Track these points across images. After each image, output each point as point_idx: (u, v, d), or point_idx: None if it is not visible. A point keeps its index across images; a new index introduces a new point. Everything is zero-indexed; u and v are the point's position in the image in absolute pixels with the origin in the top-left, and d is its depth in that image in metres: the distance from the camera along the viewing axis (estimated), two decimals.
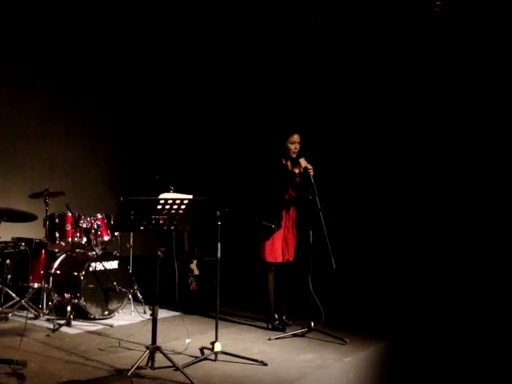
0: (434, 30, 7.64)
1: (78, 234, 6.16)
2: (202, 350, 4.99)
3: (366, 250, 7.83)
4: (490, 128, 7.35)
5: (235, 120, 8.90)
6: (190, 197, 4.56)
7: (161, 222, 4.50)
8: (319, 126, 8.18)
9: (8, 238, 6.25)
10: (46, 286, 6.02)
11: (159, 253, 4.66)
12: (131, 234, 6.55)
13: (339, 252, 5.45)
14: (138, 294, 6.47)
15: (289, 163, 5.92)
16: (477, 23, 7.36)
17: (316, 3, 7.98)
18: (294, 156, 5.87)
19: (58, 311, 5.87)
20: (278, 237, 5.82)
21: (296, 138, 5.84)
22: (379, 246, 7.80)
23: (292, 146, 5.84)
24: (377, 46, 8.03)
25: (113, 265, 6.26)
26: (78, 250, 6.25)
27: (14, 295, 5.95)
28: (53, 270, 6.16)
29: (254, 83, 8.78)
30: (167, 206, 4.43)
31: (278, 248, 5.83)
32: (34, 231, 6.50)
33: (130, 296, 6.33)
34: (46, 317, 5.88)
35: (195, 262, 7.33)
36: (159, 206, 4.41)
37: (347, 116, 8.26)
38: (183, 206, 4.48)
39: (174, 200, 4.45)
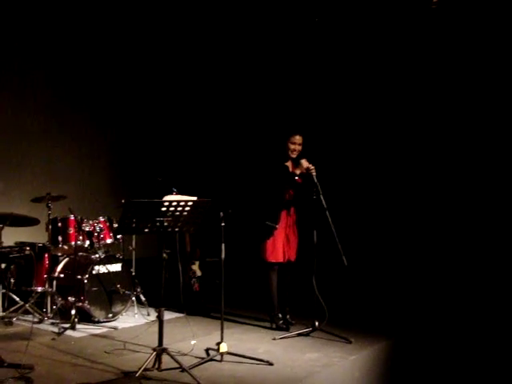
0: (431, 27, 7.66)
1: (80, 238, 6.18)
2: (207, 350, 5.01)
3: (369, 249, 7.84)
4: (491, 127, 7.37)
5: (237, 122, 8.91)
6: (195, 198, 4.57)
7: (165, 224, 4.51)
8: (322, 125, 8.19)
9: (10, 243, 6.26)
10: (50, 289, 6.04)
11: (164, 255, 4.65)
12: (133, 236, 6.56)
13: (343, 251, 5.45)
14: (142, 296, 6.48)
15: (290, 164, 5.92)
16: (473, 20, 7.39)
17: (314, 2, 8.00)
18: (294, 156, 5.85)
19: (62, 315, 5.88)
20: (280, 237, 5.83)
21: (298, 139, 5.82)
22: (382, 244, 7.82)
23: (292, 146, 5.82)
24: (375, 45, 8.05)
25: (116, 267, 6.27)
26: (81, 254, 6.27)
27: (17, 299, 5.98)
28: (56, 274, 6.17)
29: (257, 84, 8.79)
30: (171, 208, 4.45)
31: (280, 248, 5.84)
32: (36, 235, 6.51)
33: (133, 298, 6.34)
34: (51, 320, 5.90)
35: (197, 263, 7.34)
36: (163, 208, 4.43)
37: (350, 114, 8.27)
38: (187, 208, 4.50)
39: (179, 202, 4.47)
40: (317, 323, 5.55)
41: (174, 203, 4.45)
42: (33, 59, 7.31)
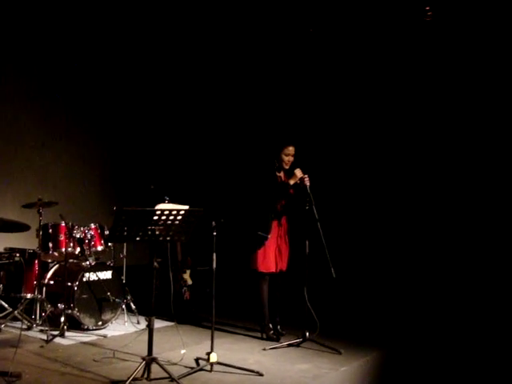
0: (425, 39, 7.72)
1: (71, 244, 6.14)
2: (197, 360, 4.97)
3: (361, 260, 7.85)
4: (489, 129, 7.41)
5: (230, 130, 8.91)
6: (187, 207, 4.56)
7: (157, 232, 4.49)
8: (314, 136, 8.22)
9: (0, 249, 6.22)
10: (39, 296, 5.99)
11: (155, 263, 4.63)
12: (124, 244, 6.52)
13: (333, 262, 5.45)
14: (132, 305, 6.44)
15: (282, 174, 5.93)
16: (467, 31, 7.46)
17: (308, 13, 8.03)
18: (287, 167, 5.88)
19: (52, 322, 5.83)
20: (271, 247, 5.82)
21: (291, 150, 5.83)
22: (373, 255, 7.83)
23: (286, 158, 5.84)
24: (369, 56, 8.09)
25: (106, 275, 6.23)
26: (71, 260, 6.22)
27: (6, 306, 5.92)
28: (46, 281, 6.12)
29: (250, 94, 8.81)
30: (163, 217, 4.43)
31: (271, 258, 5.83)
32: (26, 241, 6.46)
33: (123, 306, 6.30)
34: (40, 328, 5.85)
35: (188, 271, 7.31)
36: (155, 217, 4.41)
37: (342, 126, 8.31)
38: (179, 217, 4.48)
39: (171, 211, 4.45)
40: (307, 334, 5.54)
41: (166, 212, 4.43)
42: (26, 66, 7.29)
